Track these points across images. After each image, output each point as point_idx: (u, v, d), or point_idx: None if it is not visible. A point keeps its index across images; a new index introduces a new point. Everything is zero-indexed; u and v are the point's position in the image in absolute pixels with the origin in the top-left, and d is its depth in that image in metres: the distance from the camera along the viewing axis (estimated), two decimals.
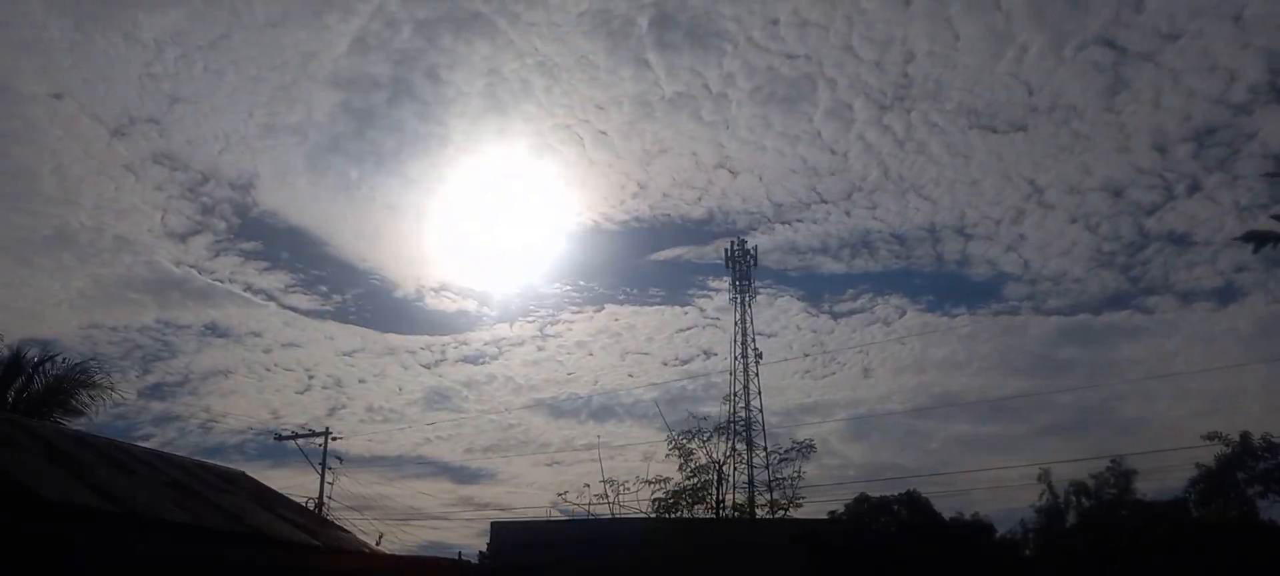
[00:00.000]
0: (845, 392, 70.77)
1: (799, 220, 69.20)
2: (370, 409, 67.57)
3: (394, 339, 75.51)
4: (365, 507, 58.85)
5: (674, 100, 66.41)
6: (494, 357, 77.53)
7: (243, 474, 16.00)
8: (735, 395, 40.65)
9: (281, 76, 68.87)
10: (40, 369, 19.22)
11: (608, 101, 67.61)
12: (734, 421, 37.54)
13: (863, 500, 40.75)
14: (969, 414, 68.05)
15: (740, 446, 37.42)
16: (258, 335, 69.54)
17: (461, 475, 71.77)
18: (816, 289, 76.00)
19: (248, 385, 68.26)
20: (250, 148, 71.67)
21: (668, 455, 31.54)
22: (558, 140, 72.23)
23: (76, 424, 18.47)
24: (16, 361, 18.99)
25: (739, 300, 44.63)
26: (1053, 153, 64.64)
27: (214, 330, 68.70)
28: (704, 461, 31.15)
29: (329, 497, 38.89)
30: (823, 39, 63.26)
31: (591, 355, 75.81)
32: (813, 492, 35.90)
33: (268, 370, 69.23)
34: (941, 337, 68.69)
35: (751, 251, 46.19)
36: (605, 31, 61.87)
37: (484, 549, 39.71)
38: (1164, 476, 58.02)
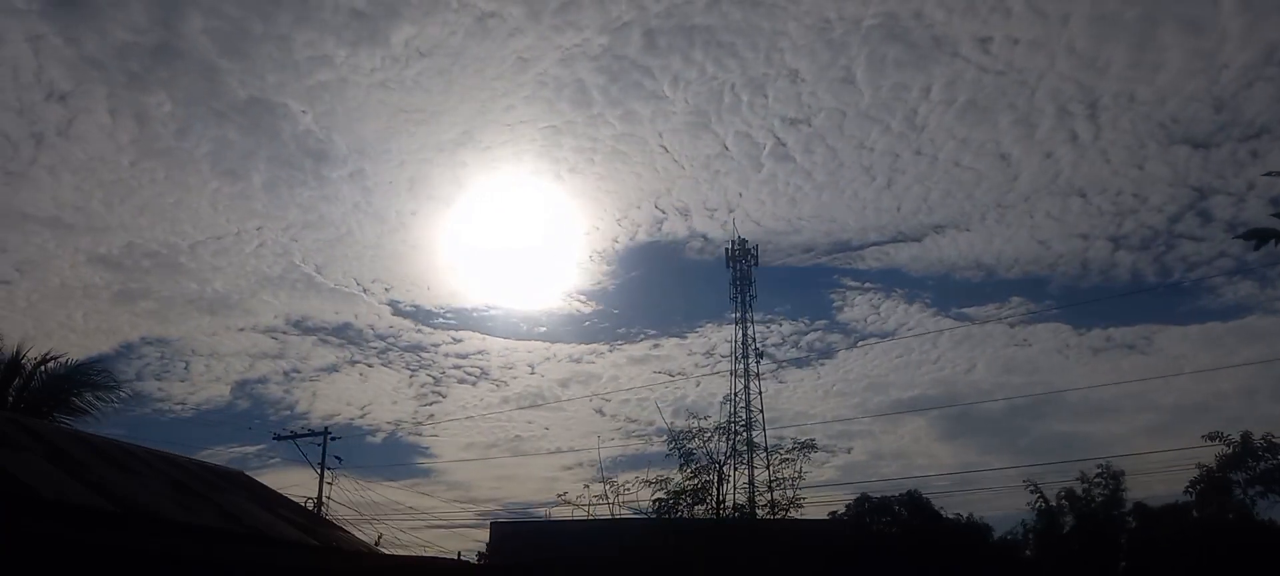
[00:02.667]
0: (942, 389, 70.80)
1: (964, 228, 69.09)
2: None
3: None
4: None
5: (867, 112, 66.26)
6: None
7: (242, 473, 16.01)
8: (736, 395, 40.72)
9: None
10: (40, 369, 19.24)
11: (808, 113, 67.30)
12: (734, 421, 37.56)
13: (864, 500, 40.74)
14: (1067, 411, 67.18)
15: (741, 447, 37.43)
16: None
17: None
18: (958, 295, 75.60)
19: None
20: None
21: (668, 454, 31.53)
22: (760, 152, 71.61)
23: (83, 424, 18.51)
24: (16, 361, 19.00)
25: (739, 299, 44.69)
26: (1233, 169, 62.95)
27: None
28: (705, 462, 31.12)
29: (328, 497, 38.94)
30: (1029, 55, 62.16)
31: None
32: (813, 493, 35.89)
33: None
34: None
35: (752, 251, 46.25)
36: (824, 41, 61.84)
37: (483, 549, 39.86)
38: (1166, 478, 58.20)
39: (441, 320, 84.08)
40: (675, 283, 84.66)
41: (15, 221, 60.38)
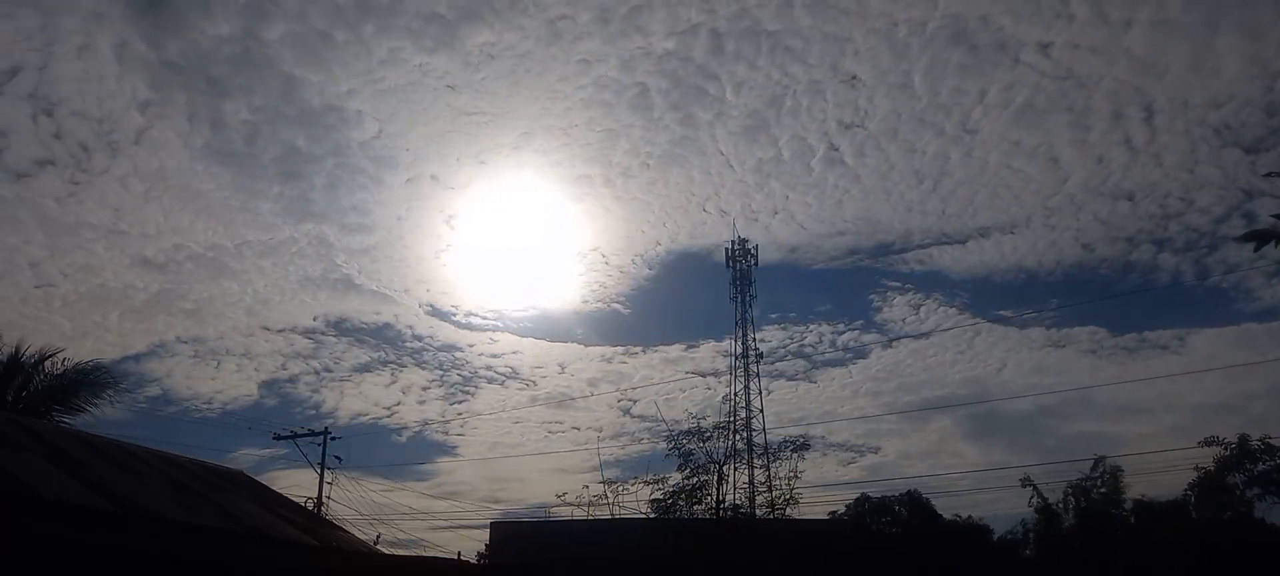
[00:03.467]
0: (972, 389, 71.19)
1: (1008, 231, 69.32)
2: None
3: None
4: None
5: (922, 116, 66.38)
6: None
7: (241, 473, 16.02)
8: (735, 395, 40.73)
9: None
10: (40, 368, 19.23)
11: (863, 117, 67.63)
12: (734, 421, 37.56)
13: (863, 500, 40.75)
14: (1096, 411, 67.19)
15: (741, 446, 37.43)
16: None
17: None
18: (997, 297, 75.88)
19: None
20: None
21: (667, 455, 31.52)
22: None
23: (90, 422, 18.53)
24: (16, 361, 18.99)
25: (739, 299, 44.69)
26: None
27: None
28: (703, 461, 31.11)
29: (328, 497, 38.93)
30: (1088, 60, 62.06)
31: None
32: (813, 492, 35.95)
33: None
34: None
35: (752, 251, 46.24)
36: (888, 44, 61.88)
37: (482, 549, 39.85)
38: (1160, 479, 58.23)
39: (478, 321, 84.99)
40: (714, 286, 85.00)
41: (73, 230, 61.39)
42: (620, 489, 32.15)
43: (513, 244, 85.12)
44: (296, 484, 39.00)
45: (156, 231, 63.92)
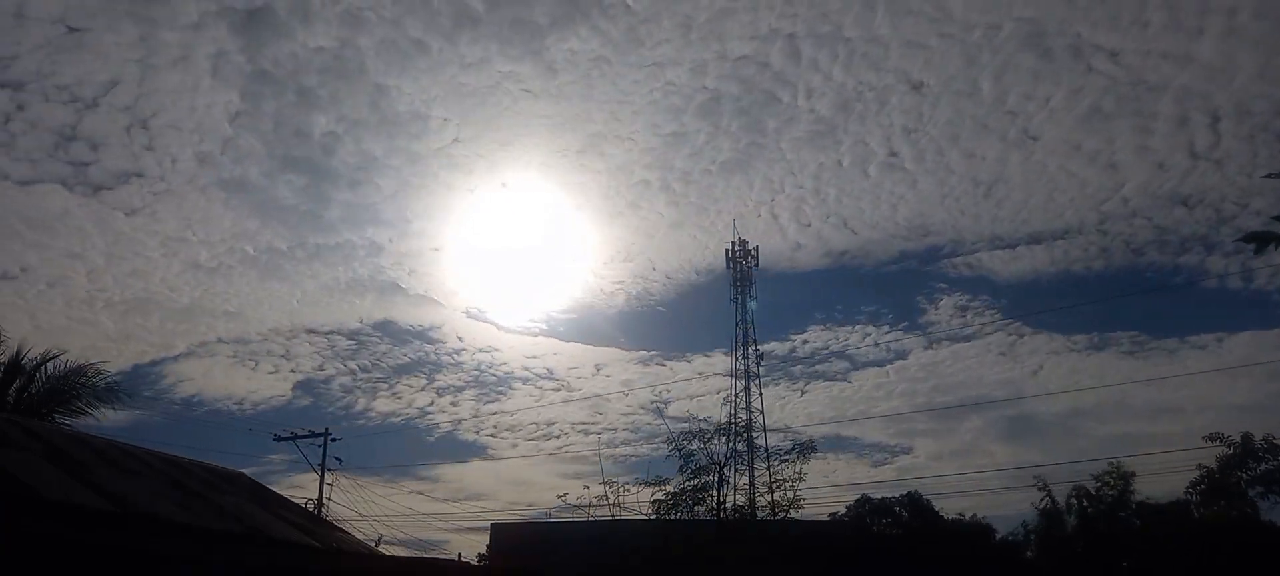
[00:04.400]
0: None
1: (1060, 236, 69.19)
2: None
3: None
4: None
5: (985, 121, 66.34)
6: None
7: (241, 474, 16.01)
8: (736, 396, 40.70)
9: None
10: (41, 369, 19.23)
11: (926, 122, 67.10)
12: (734, 422, 37.55)
13: (864, 501, 40.74)
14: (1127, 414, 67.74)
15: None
16: None
17: None
18: (1043, 300, 76.37)
19: None
20: None
21: (668, 456, 31.55)
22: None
23: (82, 424, 18.51)
24: (17, 362, 18.99)
25: (739, 300, 44.70)
26: None
27: None
28: (705, 462, 31.13)
29: (328, 498, 38.95)
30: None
31: None
32: (814, 493, 35.89)
33: None
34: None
35: (752, 252, 46.26)
36: (960, 49, 61.77)
37: (483, 550, 39.83)
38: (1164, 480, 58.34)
39: (520, 325, 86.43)
40: (764, 291, 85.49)
41: (136, 240, 62.09)
42: (621, 489, 32.19)
43: (562, 248, 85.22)
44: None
45: (220, 239, 64.72)
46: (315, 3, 53.85)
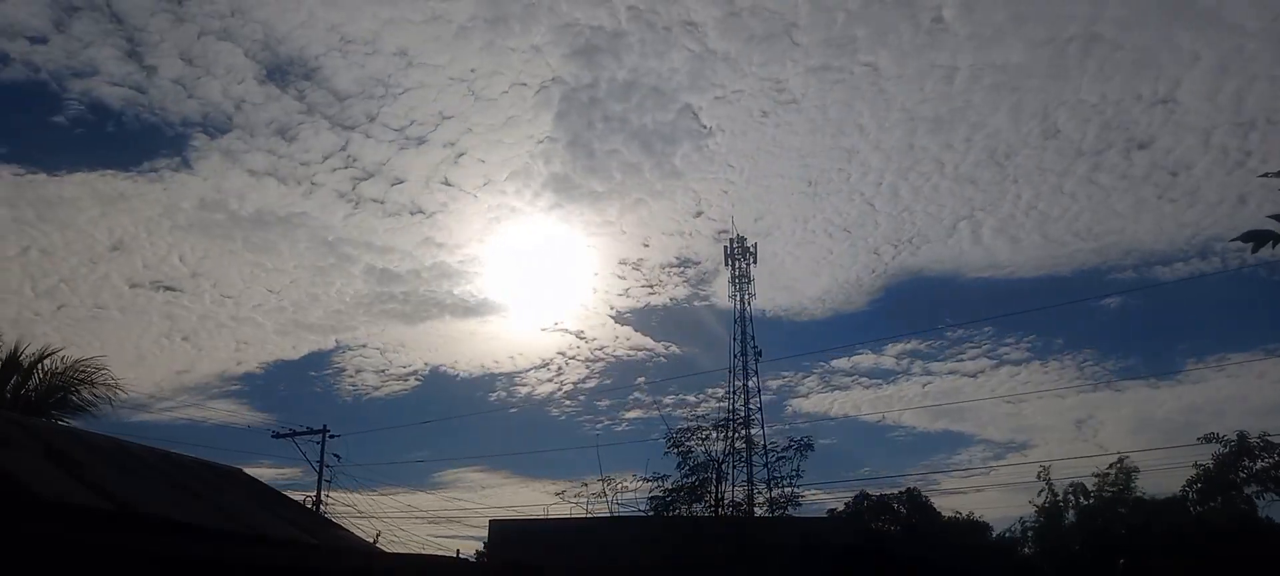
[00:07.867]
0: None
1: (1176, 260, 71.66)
2: None
3: None
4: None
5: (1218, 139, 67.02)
6: None
7: (241, 472, 15.98)
8: (734, 393, 40.70)
9: None
10: (39, 366, 19.18)
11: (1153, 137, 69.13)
12: (733, 418, 37.54)
13: (863, 498, 40.78)
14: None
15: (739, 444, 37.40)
16: None
17: None
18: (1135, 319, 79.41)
19: None
20: None
21: (666, 453, 31.57)
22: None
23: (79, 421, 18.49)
24: (15, 360, 18.95)
25: (738, 296, 44.74)
26: None
27: None
28: (703, 459, 31.16)
29: (327, 496, 38.92)
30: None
31: None
32: (813, 492, 35.95)
33: None
34: None
35: (751, 249, 46.29)
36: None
37: (480, 548, 39.85)
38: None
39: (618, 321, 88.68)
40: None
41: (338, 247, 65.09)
42: (619, 487, 32.18)
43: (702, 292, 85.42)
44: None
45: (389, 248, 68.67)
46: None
